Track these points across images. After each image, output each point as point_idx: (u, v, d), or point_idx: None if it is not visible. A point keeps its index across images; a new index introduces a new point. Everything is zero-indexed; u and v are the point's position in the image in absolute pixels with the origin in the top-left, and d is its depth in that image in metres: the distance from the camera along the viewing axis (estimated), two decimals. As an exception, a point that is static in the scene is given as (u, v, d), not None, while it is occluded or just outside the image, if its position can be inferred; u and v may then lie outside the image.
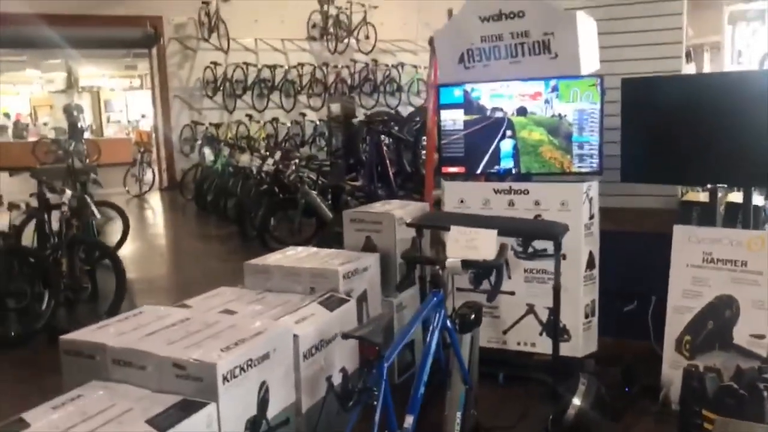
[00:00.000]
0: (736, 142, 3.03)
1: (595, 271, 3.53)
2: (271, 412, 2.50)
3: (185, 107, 13.39)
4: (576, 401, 2.75)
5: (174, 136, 13.22)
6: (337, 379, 2.88)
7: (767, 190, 3.45)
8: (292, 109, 13.69)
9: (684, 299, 3.18)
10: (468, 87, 3.56)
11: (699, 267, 3.15)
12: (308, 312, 2.86)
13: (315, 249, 3.67)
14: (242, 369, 2.33)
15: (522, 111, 3.47)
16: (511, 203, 3.52)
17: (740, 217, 3.26)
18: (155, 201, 12.15)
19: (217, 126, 12.76)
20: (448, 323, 2.61)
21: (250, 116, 13.23)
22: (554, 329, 3.17)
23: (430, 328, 2.53)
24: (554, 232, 2.93)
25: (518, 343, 3.61)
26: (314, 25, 13.91)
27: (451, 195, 3.67)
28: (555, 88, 3.38)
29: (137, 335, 2.48)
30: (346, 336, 2.25)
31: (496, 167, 3.58)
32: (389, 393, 2.16)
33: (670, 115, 3.20)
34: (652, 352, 3.44)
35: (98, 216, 5.26)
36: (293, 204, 6.77)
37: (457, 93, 3.59)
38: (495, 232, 2.78)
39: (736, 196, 3.47)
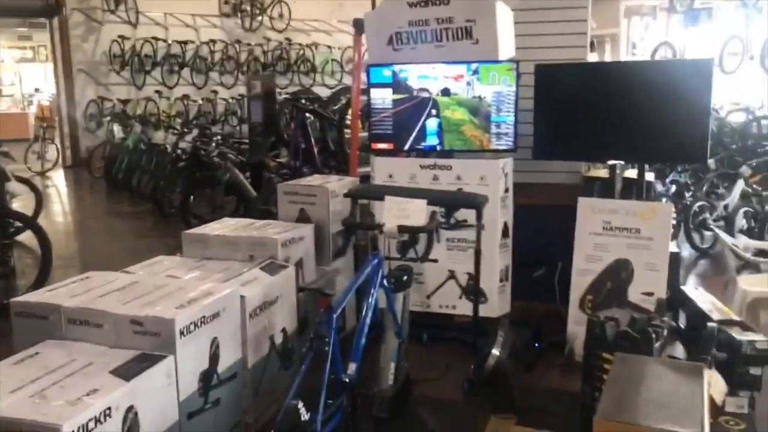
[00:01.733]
0: (632, 124, 3.45)
1: (509, 240, 3.89)
2: (221, 366, 2.68)
3: (90, 82, 12.90)
4: (495, 352, 3.08)
5: (78, 112, 12.72)
6: (278, 339, 3.11)
7: (657, 167, 3.91)
8: (204, 87, 13.49)
9: (587, 263, 3.59)
10: (396, 68, 3.80)
11: (600, 234, 3.55)
12: (252, 276, 3.04)
13: (250, 220, 3.82)
14: (196, 325, 2.50)
15: (446, 92, 3.75)
16: (435, 177, 3.81)
17: (635, 190, 3.70)
18: (60, 179, 11.69)
19: (125, 102, 12.38)
20: (385, 283, 2.87)
21: (159, 93, 12.92)
22: (475, 288, 3.50)
23: (370, 286, 2.77)
24: (477, 202, 3.24)
25: (440, 306, 3.92)
26: (227, 1, 13.73)
27: (381, 170, 3.91)
28: (476, 71, 3.68)
29: (91, 296, 2.59)
30: (302, 288, 2.45)
31: (423, 144, 3.86)
32: (337, 341, 2.39)
33: (576, 99, 3.58)
34: (558, 313, 3.85)
35: (18, 189, 5.13)
36: (213, 181, 6.80)
37: (386, 73, 3.82)
38: (425, 201, 3.06)
39: (632, 173, 3.92)
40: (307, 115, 6.10)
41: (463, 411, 3.06)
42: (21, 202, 7.36)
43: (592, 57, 4.13)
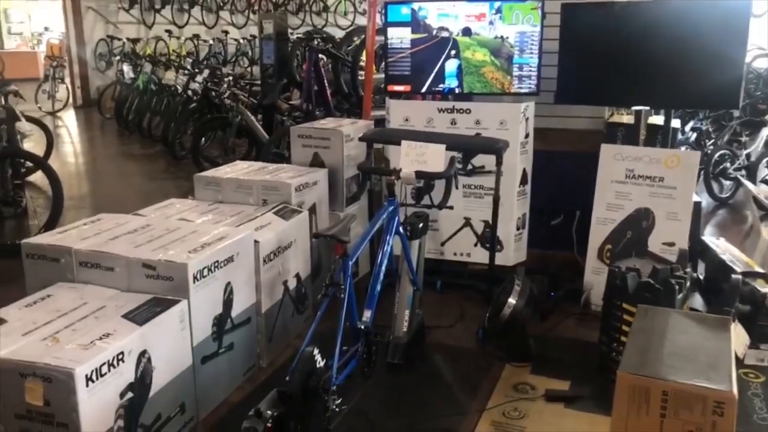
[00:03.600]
0: (661, 68, 3.30)
1: (527, 187, 3.80)
2: (235, 311, 2.65)
3: (100, 20, 12.68)
4: (511, 300, 3.03)
5: (88, 51, 12.54)
6: (292, 284, 3.07)
7: (683, 113, 3.77)
8: (214, 26, 13.22)
9: (607, 212, 3.50)
10: (415, 5, 3.64)
11: (622, 182, 3.45)
12: (265, 221, 2.98)
13: (263, 164, 3.74)
14: (210, 270, 2.45)
15: (467, 31, 3.60)
16: (453, 122, 3.70)
17: (659, 137, 3.58)
18: (70, 119, 11.61)
19: (135, 41, 12.18)
20: (401, 230, 2.80)
21: (169, 32, 12.69)
22: (492, 236, 3.43)
23: (385, 233, 2.70)
24: (497, 147, 3.14)
25: (455, 254, 3.86)
26: (238, -63, 13.33)
27: (396, 113, 3.80)
28: (499, 10, 3.52)
29: (102, 239, 2.54)
30: (317, 235, 2.39)
31: (441, 86, 3.72)
32: (353, 288, 2.34)
33: (603, 41, 3.42)
34: (574, 261, 3.79)
35: (28, 129, 5.07)
36: (225, 123, 6.70)
37: (405, 11, 3.67)
38: (443, 146, 2.96)
39: (656, 119, 3.79)
40: (320, 56, 5.93)
41: (477, 359, 3.03)
42: (32, 143, 7.33)
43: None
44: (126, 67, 10.53)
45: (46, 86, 11.75)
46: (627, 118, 3.83)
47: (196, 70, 8.01)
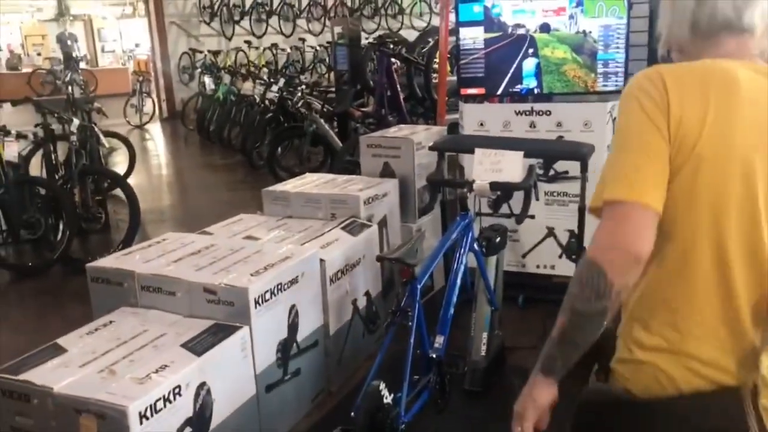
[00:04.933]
0: None
1: (617, 193, 3.49)
2: (301, 334, 2.52)
3: (182, 34, 13.05)
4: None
5: (172, 65, 12.93)
6: (361, 303, 2.92)
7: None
8: (291, 35, 13.34)
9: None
10: (488, 2, 3.41)
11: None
12: (332, 237, 2.84)
13: (332, 176, 3.62)
14: (272, 293, 2.33)
15: (545, 28, 3.34)
16: (532, 125, 3.45)
17: None
18: (156, 131, 12.01)
19: (216, 53, 12.44)
20: (475, 246, 2.59)
21: (249, 42, 12.89)
22: (578, 248, 3.16)
23: (458, 250, 2.51)
24: (581, 152, 2.86)
25: (537, 266, 3.61)
26: (314, -54, 13.40)
27: (470, 118, 3.58)
28: (580, 3, 3.24)
29: (164, 261, 2.47)
30: (381, 258, 2.23)
31: (518, 87, 3.48)
32: (422, 313, 2.16)
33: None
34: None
35: (106, 145, 5.18)
36: (300, 132, 6.66)
37: (477, 9, 3.45)
38: (521, 153, 2.72)
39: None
40: (393, 60, 5.78)
41: (564, 383, 2.77)
42: (120, 156, 7.57)
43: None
44: (207, 79, 10.75)
45: (134, 100, 12.19)
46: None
47: (272, 80, 8.04)
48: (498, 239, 2.72)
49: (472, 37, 3.48)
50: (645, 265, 1.13)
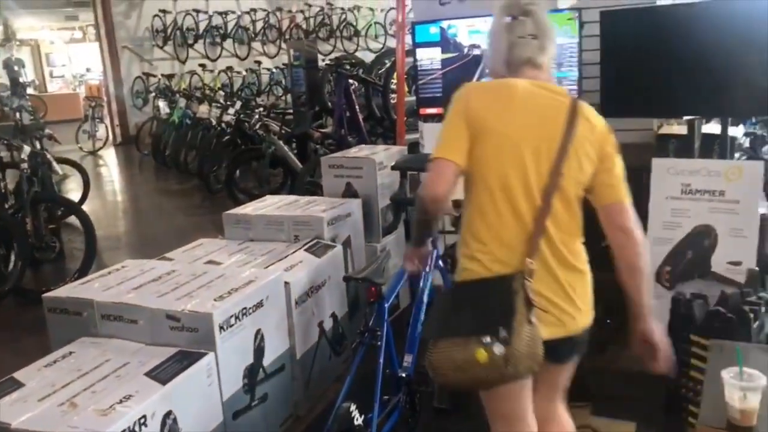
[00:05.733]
0: (713, 73, 3.04)
1: (575, 207, 3.56)
2: (267, 359, 2.48)
3: (135, 59, 12.88)
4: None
5: (125, 90, 12.74)
6: (328, 325, 2.90)
7: (742, 120, 3.50)
8: (247, 57, 13.30)
9: (664, 231, 3.23)
10: (444, 24, 3.47)
11: (678, 198, 3.19)
12: (296, 259, 2.82)
13: (294, 197, 3.61)
14: (237, 318, 2.30)
15: (500, 48, 3.41)
16: (491, 142, 3.50)
17: (717, 147, 3.31)
18: (110, 157, 11.78)
19: (170, 77, 12.31)
20: (440, 263, 2.60)
21: (203, 66, 12.81)
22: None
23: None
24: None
25: (500, 282, 3.64)
26: (267, -32, 13.44)
27: (430, 137, 3.62)
28: (533, 23, 3.32)
29: (124, 289, 2.41)
30: (348, 279, 2.22)
31: (475, 106, 3.53)
32: (391, 333, 2.15)
33: (648, 48, 3.18)
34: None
35: (59, 172, 5.05)
36: (259, 154, 6.61)
37: (434, 30, 3.50)
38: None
39: (711, 128, 3.52)
40: (351, 81, 5.81)
41: (531, 398, 2.79)
42: (72, 184, 7.39)
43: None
44: (161, 103, 10.62)
45: (86, 126, 11.94)
46: (678, 129, 3.57)
47: (228, 103, 7.99)
48: (462, 256, 2.73)
49: (429, 57, 3.53)
50: (466, 199, 1.80)
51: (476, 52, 3.45)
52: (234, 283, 2.43)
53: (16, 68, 15.68)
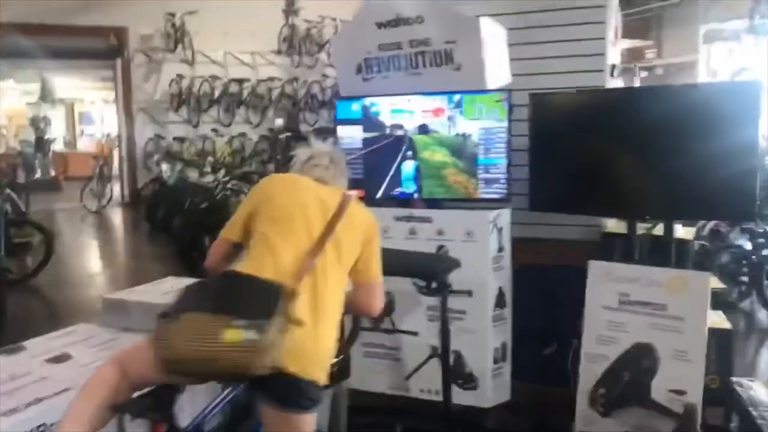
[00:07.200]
0: (655, 168, 2.65)
1: (507, 311, 3.14)
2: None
3: (150, 121, 13.00)
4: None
5: (138, 151, 12.81)
6: None
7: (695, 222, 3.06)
8: (260, 124, 13.31)
9: (598, 346, 2.79)
10: (367, 101, 3.18)
11: (615, 309, 2.75)
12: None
13: (198, 280, 3.25)
14: (25, 437, 1.92)
15: (424, 129, 3.09)
16: (412, 232, 3.13)
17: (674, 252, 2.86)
18: (113, 217, 11.72)
19: (182, 140, 12.35)
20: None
21: (216, 131, 12.84)
22: (444, 380, 2.77)
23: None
24: (434, 270, 2.52)
25: (422, 390, 3.19)
26: (285, 39, 13.57)
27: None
28: (459, 104, 3.00)
29: None
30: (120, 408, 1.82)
31: (397, 191, 3.19)
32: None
33: (582, 136, 2.82)
34: (572, 400, 3.04)
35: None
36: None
37: (356, 107, 3.21)
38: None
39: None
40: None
41: None
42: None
43: (617, 84, 3.34)
44: (164, 166, 10.58)
45: (93, 185, 11.97)
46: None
47: (213, 169, 7.84)
48: (336, 368, 2.31)
49: (351, 136, 3.22)
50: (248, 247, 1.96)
51: (399, 132, 3.13)
52: (46, 391, 2.08)
53: (42, 126, 16.17)
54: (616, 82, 3.28)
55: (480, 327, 3.04)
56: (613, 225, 3.16)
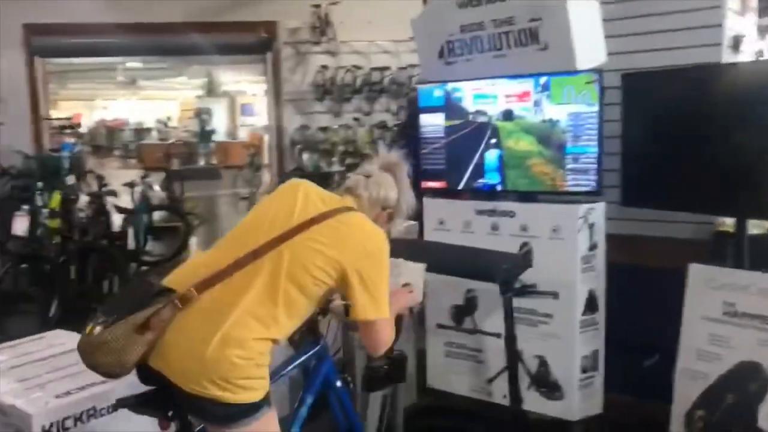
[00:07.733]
0: (761, 159, 2.24)
1: (599, 315, 2.84)
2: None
3: (297, 111, 13.54)
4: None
5: (286, 141, 13.41)
6: None
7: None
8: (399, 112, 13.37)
9: (698, 362, 2.44)
10: (449, 86, 3.00)
11: (718, 321, 2.38)
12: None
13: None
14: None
15: (508, 115, 2.86)
16: (494, 227, 2.92)
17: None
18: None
19: (324, 130, 12.73)
20: (338, 382, 2.10)
21: (357, 119, 13.09)
22: (512, 390, 2.56)
23: (305, 392, 2.04)
24: (493, 270, 2.31)
25: (504, 396, 2.98)
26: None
27: (431, 214, 3.13)
28: (546, 87, 2.74)
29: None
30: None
31: (480, 182, 2.99)
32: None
33: (684, 120, 2.45)
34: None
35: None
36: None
37: (438, 93, 3.05)
38: (423, 266, 2.24)
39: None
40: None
41: None
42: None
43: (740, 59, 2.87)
44: (305, 155, 10.96)
45: (246, 173, 12.70)
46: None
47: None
48: (385, 370, 2.21)
49: (433, 124, 3.07)
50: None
51: (482, 119, 2.92)
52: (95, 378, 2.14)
53: (204, 117, 17.47)
54: (743, 58, 2.82)
55: (566, 332, 2.78)
56: (731, 223, 2.74)
